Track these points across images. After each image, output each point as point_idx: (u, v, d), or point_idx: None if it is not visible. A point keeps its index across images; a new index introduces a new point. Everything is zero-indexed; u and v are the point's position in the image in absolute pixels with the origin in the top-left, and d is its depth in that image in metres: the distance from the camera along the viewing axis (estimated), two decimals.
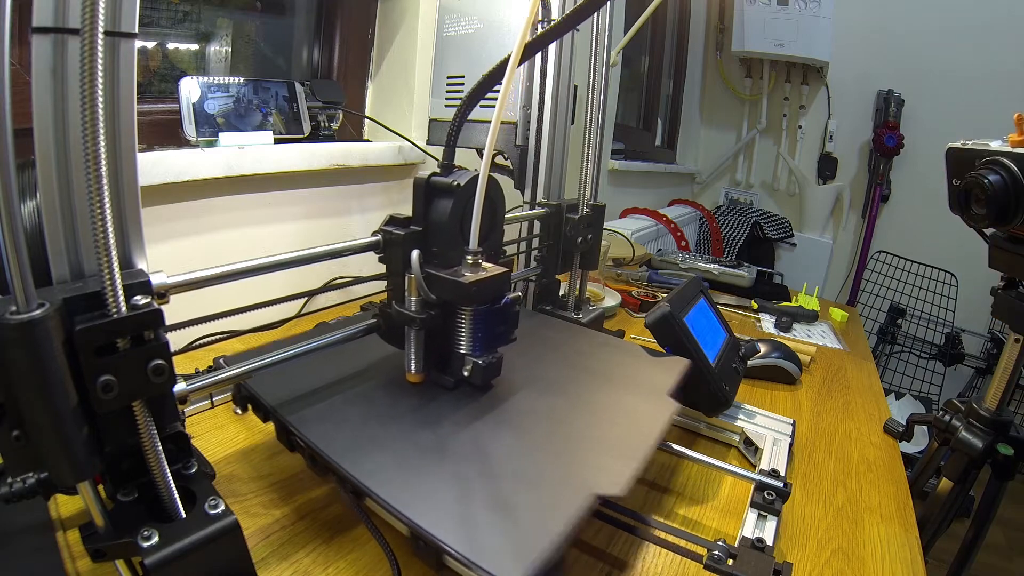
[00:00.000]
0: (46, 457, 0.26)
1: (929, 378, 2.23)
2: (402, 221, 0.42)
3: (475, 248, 0.39)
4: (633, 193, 1.99)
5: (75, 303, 0.26)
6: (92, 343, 0.26)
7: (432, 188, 0.41)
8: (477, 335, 0.41)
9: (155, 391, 0.29)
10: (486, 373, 0.42)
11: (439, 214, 0.41)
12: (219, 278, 0.35)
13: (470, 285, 0.38)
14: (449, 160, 0.42)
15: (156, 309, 0.28)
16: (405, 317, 0.41)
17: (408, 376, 0.43)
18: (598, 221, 0.70)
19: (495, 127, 0.36)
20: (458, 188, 0.40)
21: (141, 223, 0.31)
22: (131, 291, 0.28)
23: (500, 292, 0.42)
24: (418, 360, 0.42)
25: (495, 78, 0.39)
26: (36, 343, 0.24)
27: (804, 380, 0.80)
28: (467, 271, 0.40)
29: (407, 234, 0.41)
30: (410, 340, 0.42)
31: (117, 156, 0.29)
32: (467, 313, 0.41)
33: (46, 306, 0.24)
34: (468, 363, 0.42)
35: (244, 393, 0.44)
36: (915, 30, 2.24)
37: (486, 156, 0.37)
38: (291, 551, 0.39)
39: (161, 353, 0.29)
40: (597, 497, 0.34)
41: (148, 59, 0.79)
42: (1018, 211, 0.51)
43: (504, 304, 0.42)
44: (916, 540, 0.47)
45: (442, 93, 0.78)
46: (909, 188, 2.37)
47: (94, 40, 0.24)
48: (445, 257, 0.41)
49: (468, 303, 0.40)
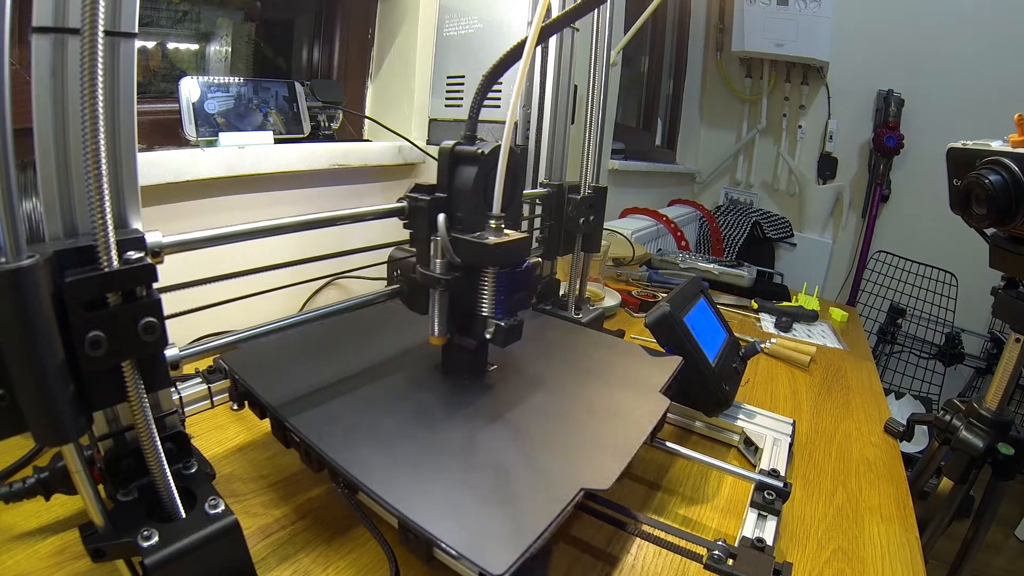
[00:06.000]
0: (29, 416, 0.25)
1: (929, 378, 2.23)
2: (427, 188, 0.44)
3: (498, 213, 0.41)
4: (633, 193, 1.99)
5: (66, 256, 0.26)
6: (82, 296, 0.25)
7: (457, 156, 0.43)
8: (500, 297, 0.43)
9: (146, 351, 0.28)
10: (508, 335, 0.43)
11: (463, 181, 0.42)
12: (216, 239, 0.35)
13: (494, 247, 0.40)
14: (471, 131, 0.43)
15: (149, 264, 0.28)
16: (431, 279, 0.42)
17: (431, 339, 0.44)
18: (600, 203, 0.70)
19: (518, 90, 0.38)
20: (482, 156, 0.42)
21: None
22: (124, 246, 0.27)
23: (521, 256, 0.43)
24: (441, 323, 0.44)
25: (517, 53, 0.40)
26: (23, 293, 0.23)
27: (804, 380, 0.80)
28: (491, 235, 0.41)
29: (433, 199, 0.43)
30: (434, 302, 0.43)
31: (116, 148, 0.29)
32: (490, 275, 0.42)
33: (35, 257, 0.24)
34: (491, 325, 0.43)
35: (241, 389, 0.44)
36: (915, 30, 2.24)
37: (508, 124, 0.39)
38: (291, 551, 0.39)
39: (153, 311, 0.28)
40: (583, 490, 0.35)
41: (148, 59, 0.79)
42: (1019, 211, 0.51)
43: (525, 268, 0.44)
44: (916, 540, 0.47)
45: (442, 93, 0.78)
46: (909, 188, 2.36)
47: (94, 40, 0.24)
48: (469, 222, 0.43)
49: (492, 264, 0.42)
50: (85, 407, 0.28)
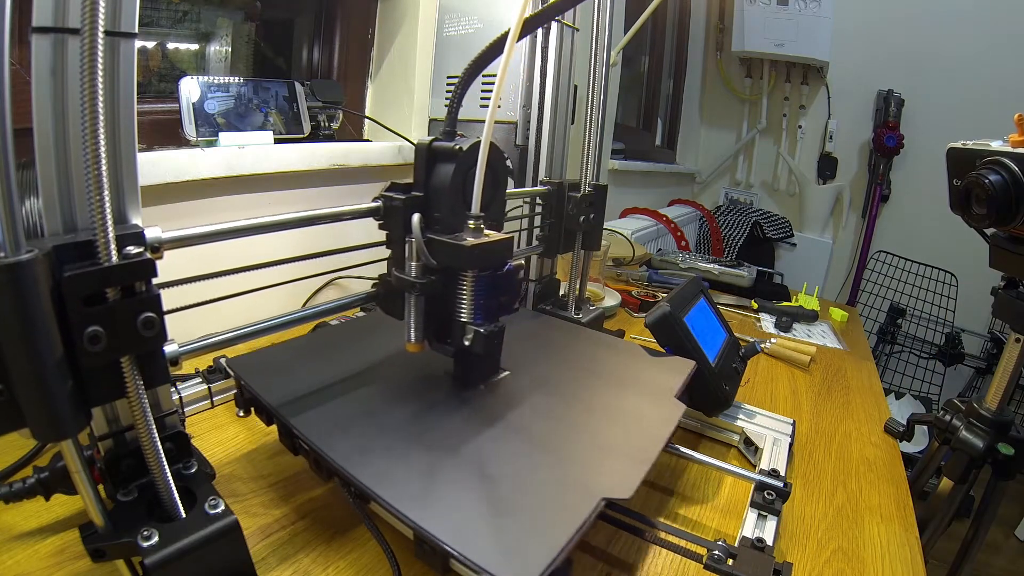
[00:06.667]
0: (27, 412, 0.25)
1: (929, 378, 2.23)
2: (403, 187, 0.42)
3: (477, 213, 0.39)
4: (633, 193, 1.99)
5: (65, 251, 0.26)
6: (80, 291, 0.25)
7: (434, 153, 0.41)
8: (479, 302, 0.40)
9: (144, 347, 0.28)
10: (487, 342, 0.41)
11: (441, 179, 0.40)
12: (214, 235, 0.34)
13: (472, 248, 0.38)
14: (451, 127, 0.41)
15: (148, 260, 0.28)
16: (405, 283, 0.40)
17: (407, 346, 0.42)
18: (600, 201, 0.70)
19: (500, 81, 0.36)
20: (460, 152, 0.39)
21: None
22: (123, 242, 0.27)
23: (502, 258, 0.41)
24: (417, 328, 0.41)
25: (497, 48, 0.39)
26: (22, 287, 0.23)
27: (804, 380, 0.80)
28: (469, 236, 0.39)
29: (408, 199, 0.41)
30: (410, 307, 0.41)
31: (116, 147, 0.29)
32: (468, 279, 0.40)
33: (34, 251, 0.24)
34: (469, 332, 0.41)
35: (247, 395, 0.44)
36: (915, 30, 2.24)
37: (489, 117, 0.37)
38: (291, 551, 0.39)
39: (152, 306, 0.28)
40: (604, 500, 0.33)
41: (148, 59, 0.79)
42: (1019, 211, 0.51)
43: (507, 271, 0.42)
44: (916, 540, 0.47)
45: (442, 93, 0.78)
46: (909, 188, 2.36)
47: (94, 40, 0.24)
48: (447, 223, 0.40)
49: (469, 267, 0.39)
50: (84, 403, 0.27)
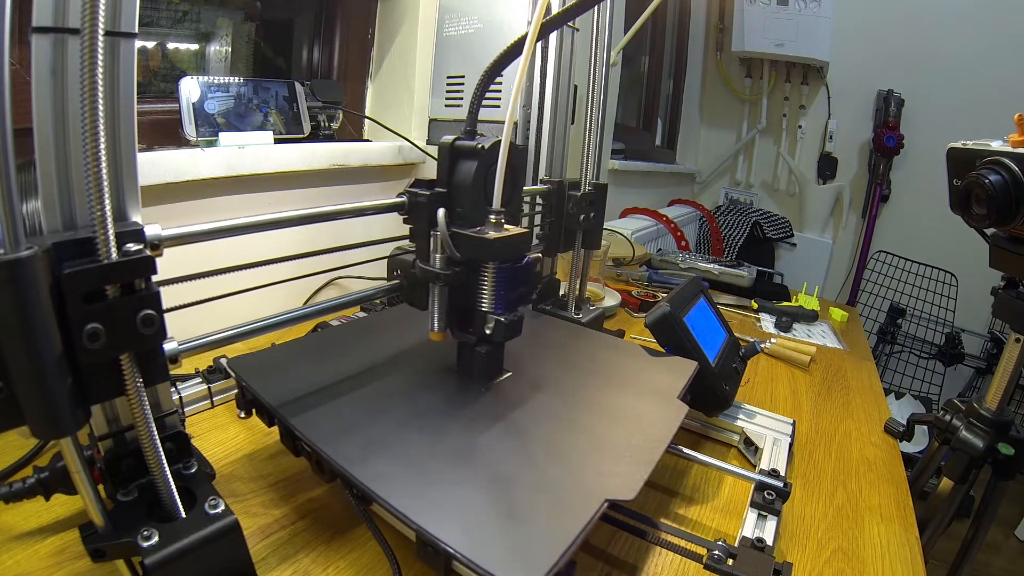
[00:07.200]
0: (27, 409, 0.25)
1: (929, 378, 2.23)
2: (426, 183, 0.44)
3: (498, 208, 0.41)
4: (633, 193, 1.99)
5: (65, 248, 0.26)
6: (80, 288, 0.25)
7: (457, 151, 0.43)
8: (500, 292, 0.43)
9: (144, 344, 0.28)
10: (508, 330, 0.43)
11: (463, 176, 0.42)
12: (215, 233, 0.34)
13: (494, 241, 0.40)
14: (471, 127, 0.44)
15: (148, 257, 0.28)
16: (430, 274, 0.42)
17: (431, 335, 0.44)
18: (600, 200, 0.70)
19: (518, 85, 0.38)
20: (482, 151, 0.42)
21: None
22: (123, 239, 0.27)
23: (521, 251, 0.43)
24: (440, 318, 0.43)
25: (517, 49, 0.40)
26: (21, 284, 0.23)
27: (804, 380, 0.80)
28: (491, 230, 0.41)
29: (432, 194, 0.43)
30: (434, 297, 0.43)
31: (116, 147, 0.29)
32: (490, 270, 0.42)
33: (34, 248, 0.24)
34: (490, 320, 0.43)
35: (248, 397, 0.44)
36: (915, 30, 2.24)
37: (508, 119, 0.39)
38: (291, 551, 0.39)
39: (152, 304, 0.28)
40: (607, 502, 0.33)
41: (148, 59, 0.79)
42: (1019, 211, 0.51)
43: (525, 263, 0.44)
44: (916, 540, 0.47)
45: (442, 93, 0.78)
46: (909, 188, 2.36)
47: (94, 40, 0.24)
48: (469, 217, 0.43)
49: (492, 259, 0.42)
50: (83, 400, 0.27)
